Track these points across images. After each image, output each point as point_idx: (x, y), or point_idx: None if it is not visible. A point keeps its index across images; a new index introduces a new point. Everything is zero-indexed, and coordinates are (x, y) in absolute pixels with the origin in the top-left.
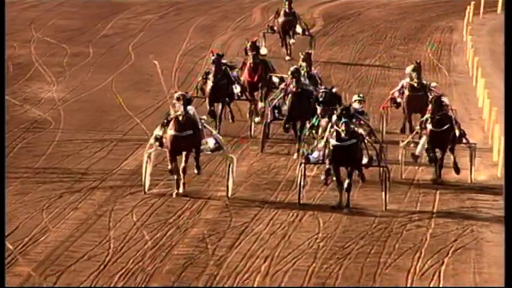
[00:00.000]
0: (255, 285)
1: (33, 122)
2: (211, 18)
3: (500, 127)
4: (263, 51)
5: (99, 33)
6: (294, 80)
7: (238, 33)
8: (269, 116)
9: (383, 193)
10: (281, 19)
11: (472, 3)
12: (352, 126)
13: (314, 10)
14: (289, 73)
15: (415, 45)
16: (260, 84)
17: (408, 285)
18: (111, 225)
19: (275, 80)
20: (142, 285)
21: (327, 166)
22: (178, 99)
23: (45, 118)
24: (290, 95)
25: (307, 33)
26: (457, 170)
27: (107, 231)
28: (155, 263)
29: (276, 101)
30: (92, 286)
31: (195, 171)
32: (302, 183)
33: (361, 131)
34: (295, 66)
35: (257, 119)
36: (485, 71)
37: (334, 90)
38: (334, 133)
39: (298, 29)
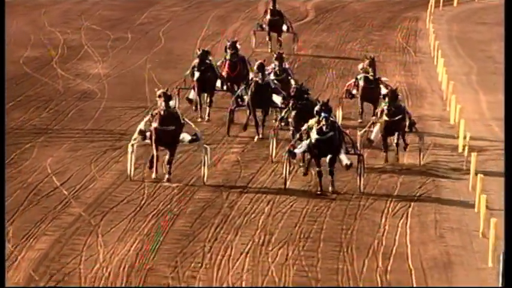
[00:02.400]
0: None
1: (83, 92)
2: (225, 10)
3: (456, 97)
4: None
5: (136, 22)
6: (259, 73)
7: (246, 22)
8: (234, 104)
9: (358, 178)
10: (268, 18)
11: None
12: (331, 119)
13: (307, 4)
14: (255, 67)
15: (388, 32)
16: (242, 79)
17: (382, 223)
18: (145, 175)
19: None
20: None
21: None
22: (159, 96)
23: (92, 90)
24: (252, 86)
25: (291, 30)
26: (406, 147)
27: (142, 180)
28: (180, 206)
29: (239, 90)
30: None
31: (165, 177)
32: (287, 174)
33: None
34: (260, 61)
35: None
36: (444, 52)
37: (303, 86)
38: (315, 127)
39: (284, 27)
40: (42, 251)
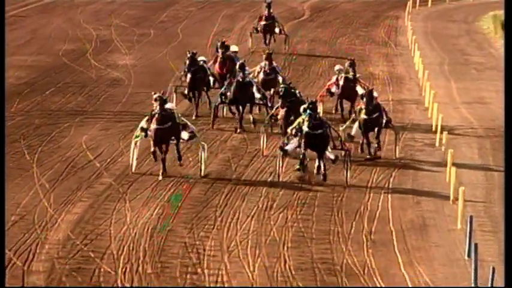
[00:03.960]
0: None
1: (113, 80)
2: (234, 10)
3: (430, 84)
4: (234, 48)
5: (157, 20)
6: (240, 72)
7: (251, 20)
8: (218, 100)
9: (345, 171)
10: (263, 22)
11: None
12: (317, 117)
13: (304, 4)
14: (237, 67)
15: (373, 28)
16: (228, 76)
17: (367, 191)
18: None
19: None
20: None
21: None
22: (155, 100)
23: (121, 78)
24: (234, 84)
25: (283, 32)
26: (379, 148)
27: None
28: (195, 177)
29: (223, 88)
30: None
31: (178, 162)
32: (280, 168)
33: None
34: (241, 61)
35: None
36: (420, 45)
37: (291, 86)
38: (306, 122)
39: (276, 30)
40: (78, 214)
